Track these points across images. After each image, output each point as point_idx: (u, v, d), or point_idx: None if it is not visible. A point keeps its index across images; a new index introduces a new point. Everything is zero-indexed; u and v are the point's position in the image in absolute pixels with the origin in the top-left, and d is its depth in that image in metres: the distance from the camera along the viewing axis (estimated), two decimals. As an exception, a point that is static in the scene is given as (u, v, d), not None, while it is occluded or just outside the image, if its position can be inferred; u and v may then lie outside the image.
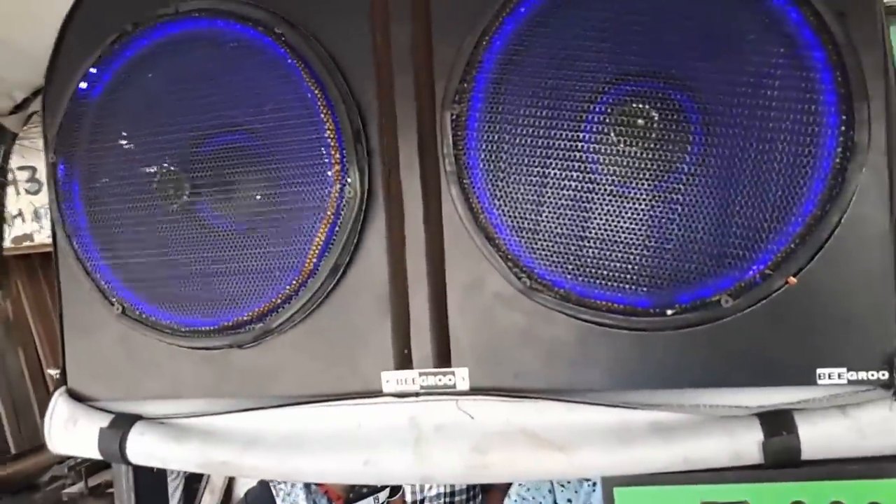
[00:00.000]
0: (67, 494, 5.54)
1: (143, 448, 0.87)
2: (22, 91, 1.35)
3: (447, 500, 3.17)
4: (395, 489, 2.76)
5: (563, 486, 1.51)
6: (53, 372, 0.95)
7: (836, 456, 0.69)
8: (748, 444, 0.70)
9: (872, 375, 0.68)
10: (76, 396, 0.93)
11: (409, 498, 3.14)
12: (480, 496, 3.08)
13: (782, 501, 0.70)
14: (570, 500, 1.47)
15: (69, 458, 5.34)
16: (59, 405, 0.92)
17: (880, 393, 0.69)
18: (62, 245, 0.91)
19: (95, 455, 0.91)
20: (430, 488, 3.15)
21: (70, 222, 0.90)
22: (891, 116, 0.67)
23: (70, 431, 0.91)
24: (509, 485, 1.67)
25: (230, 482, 4.55)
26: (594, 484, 1.48)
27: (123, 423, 0.89)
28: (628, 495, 0.75)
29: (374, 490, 2.61)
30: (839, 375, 0.69)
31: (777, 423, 0.69)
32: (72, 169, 0.89)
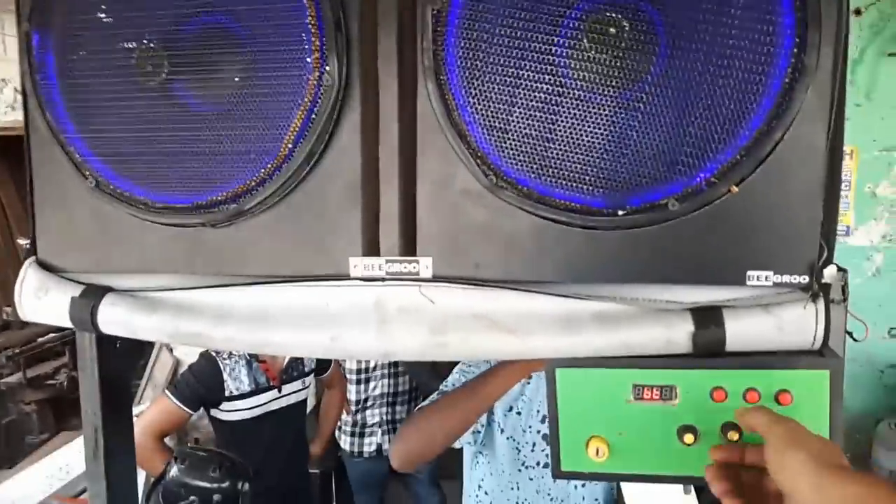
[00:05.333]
0: (6, 384, 5.53)
1: (115, 317, 0.91)
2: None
3: (389, 399, 3.35)
4: (321, 371, 2.96)
5: None
6: (23, 242, 0.97)
7: (757, 349, 0.78)
8: (680, 335, 0.78)
9: (795, 279, 0.76)
10: (46, 267, 0.96)
11: (353, 397, 3.31)
12: (420, 398, 3.26)
13: (705, 386, 0.79)
14: None
15: (8, 347, 5.28)
16: (30, 275, 0.95)
17: (800, 294, 0.77)
18: (34, 116, 0.91)
19: (66, 323, 0.94)
20: (374, 388, 3.31)
21: (43, 94, 0.89)
22: (839, 42, 0.72)
23: (41, 300, 0.94)
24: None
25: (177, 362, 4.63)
26: (529, 377, 1.59)
27: (95, 293, 0.92)
28: (568, 376, 0.83)
29: (302, 374, 2.80)
30: (766, 278, 0.76)
31: (707, 317, 0.77)
32: (46, 40, 0.88)
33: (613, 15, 0.73)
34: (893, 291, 3.64)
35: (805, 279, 0.76)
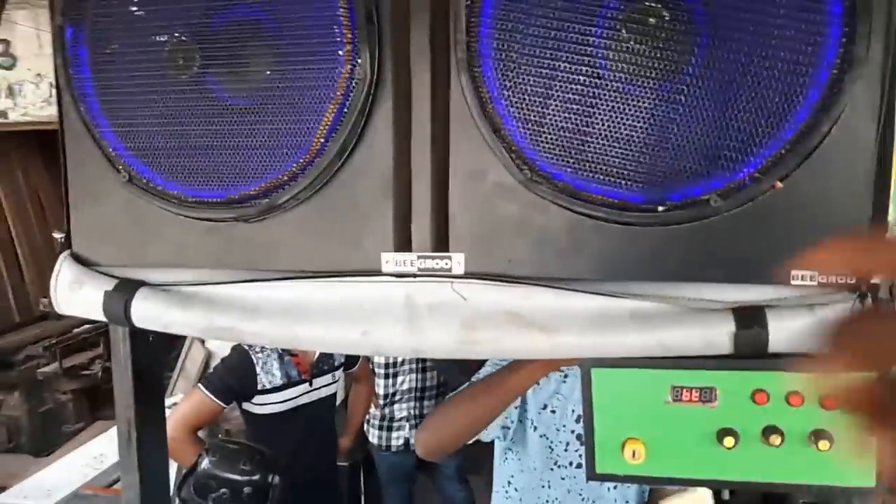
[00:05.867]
0: (43, 374, 5.66)
1: (148, 312, 0.91)
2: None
3: (417, 394, 3.35)
4: (350, 365, 2.99)
5: None
6: (58, 235, 0.98)
7: (800, 350, 0.75)
8: (721, 335, 0.75)
9: (841, 279, 0.74)
10: (80, 260, 0.96)
11: (381, 392, 3.32)
12: (448, 393, 3.26)
13: (746, 388, 0.77)
14: (538, 383, 1.55)
15: (45, 338, 5.41)
16: (65, 268, 0.95)
17: (846, 295, 0.74)
18: (68, 110, 0.92)
19: (100, 317, 0.95)
20: (402, 383, 3.32)
21: (77, 88, 0.90)
22: (890, 32, 0.69)
23: (75, 293, 0.94)
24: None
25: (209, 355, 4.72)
26: (566, 375, 1.57)
27: (128, 287, 0.93)
28: (604, 376, 0.81)
29: (332, 368, 2.82)
30: (811, 277, 0.74)
31: (749, 317, 0.75)
32: (80, 34, 0.89)
33: (652, 4, 0.71)
34: (935, 290, 3.53)
35: (852, 279, 0.73)
